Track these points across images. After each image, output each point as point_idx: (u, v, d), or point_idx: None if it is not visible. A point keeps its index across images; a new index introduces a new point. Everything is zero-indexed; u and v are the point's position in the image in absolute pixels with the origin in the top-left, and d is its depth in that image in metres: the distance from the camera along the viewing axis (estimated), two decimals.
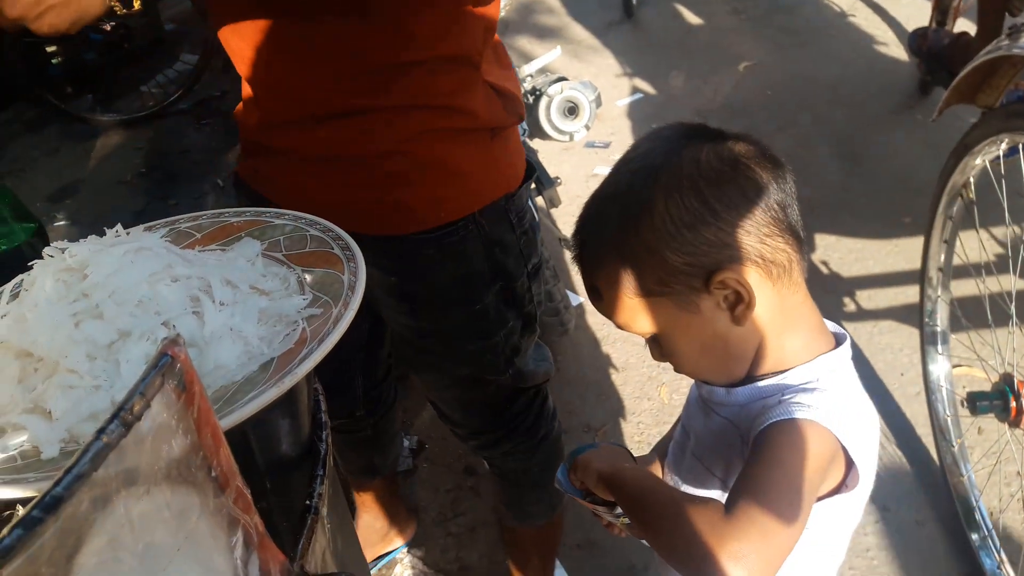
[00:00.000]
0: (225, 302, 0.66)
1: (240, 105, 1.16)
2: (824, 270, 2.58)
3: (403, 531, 1.91)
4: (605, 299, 0.85)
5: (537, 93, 2.15)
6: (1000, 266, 1.82)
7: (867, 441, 0.79)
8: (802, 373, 0.80)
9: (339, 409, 1.46)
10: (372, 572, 1.88)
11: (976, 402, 1.58)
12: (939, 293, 1.90)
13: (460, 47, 1.01)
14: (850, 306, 2.46)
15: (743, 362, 0.83)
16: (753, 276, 0.78)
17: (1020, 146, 1.54)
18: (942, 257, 1.85)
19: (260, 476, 0.65)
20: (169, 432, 0.47)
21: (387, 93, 1.00)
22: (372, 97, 1.00)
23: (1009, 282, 1.61)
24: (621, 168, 0.85)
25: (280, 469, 0.69)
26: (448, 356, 1.24)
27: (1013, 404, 1.52)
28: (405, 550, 1.92)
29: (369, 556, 1.86)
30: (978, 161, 1.64)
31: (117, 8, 0.88)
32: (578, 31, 4.17)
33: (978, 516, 1.77)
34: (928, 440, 2.01)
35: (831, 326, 0.88)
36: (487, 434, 1.38)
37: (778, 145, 3.34)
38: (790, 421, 0.73)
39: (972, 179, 1.69)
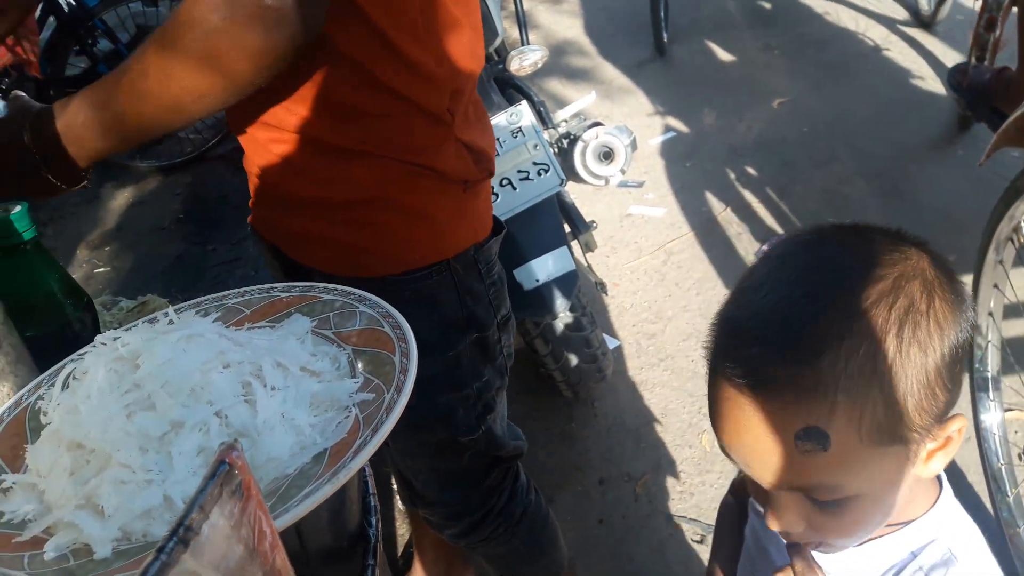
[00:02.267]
0: (277, 386, 0.65)
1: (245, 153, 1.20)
2: None
3: None
4: (833, 449, 0.60)
5: (572, 138, 2.14)
6: None
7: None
8: (925, 529, 0.73)
9: None
10: None
11: None
12: (989, 338, 1.85)
13: (428, 103, 1.03)
14: None
15: None
16: None
17: None
18: (992, 302, 1.81)
19: (309, 567, 0.64)
20: (226, 539, 0.46)
21: (366, 140, 1.03)
22: (356, 140, 1.03)
23: None
24: (849, 264, 0.66)
25: (330, 558, 0.67)
26: (421, 410, 1.23)
27: None
28: None
29: None
30: None
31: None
32: (609, 71, 4.18)
33: None
34: (981, 487, 1.95)
35: None
36: (465, 518, 1.37)
37: (818, 182, 3.29)
38: None
39: (1023, 223, 1.65)
